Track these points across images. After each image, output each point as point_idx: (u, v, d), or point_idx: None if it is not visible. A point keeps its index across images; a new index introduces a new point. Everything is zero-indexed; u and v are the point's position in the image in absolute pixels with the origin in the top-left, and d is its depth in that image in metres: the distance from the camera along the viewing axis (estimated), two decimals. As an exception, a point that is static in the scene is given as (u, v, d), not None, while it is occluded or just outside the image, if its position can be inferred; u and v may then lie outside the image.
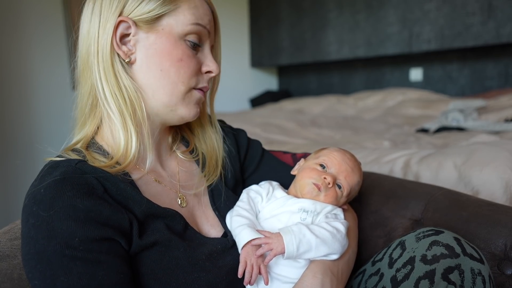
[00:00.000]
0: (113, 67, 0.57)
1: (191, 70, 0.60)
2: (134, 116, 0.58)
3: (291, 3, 3.58)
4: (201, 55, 0.63)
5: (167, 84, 0.59)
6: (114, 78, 0.57)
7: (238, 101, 3.98)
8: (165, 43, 0.58)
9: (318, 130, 2.30)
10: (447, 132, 1.88)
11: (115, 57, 0.58)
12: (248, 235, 0.60)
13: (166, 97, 0.60)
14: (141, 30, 0.58)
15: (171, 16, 0.58)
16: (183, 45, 0.59)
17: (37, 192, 0.49)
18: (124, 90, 0.58)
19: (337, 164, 0.70)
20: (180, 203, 0.64)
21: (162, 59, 0.58)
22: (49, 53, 2.73)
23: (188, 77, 0.61)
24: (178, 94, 0.60)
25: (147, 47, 0.58)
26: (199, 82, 0.63)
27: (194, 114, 0.64)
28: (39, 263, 0.46)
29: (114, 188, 0.54)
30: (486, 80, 2.71)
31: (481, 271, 0.54)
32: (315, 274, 0.59)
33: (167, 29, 0.58)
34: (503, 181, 1.07)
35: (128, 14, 0.57)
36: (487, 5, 2.33)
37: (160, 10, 0.57)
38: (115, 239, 0.50)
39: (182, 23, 0.59)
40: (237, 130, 0.81)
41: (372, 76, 3.41)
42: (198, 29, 0.60)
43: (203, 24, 0.61)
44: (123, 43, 0.58)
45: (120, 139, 0.58)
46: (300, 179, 0.70)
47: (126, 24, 0.57)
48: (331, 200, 0.68)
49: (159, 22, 0.58)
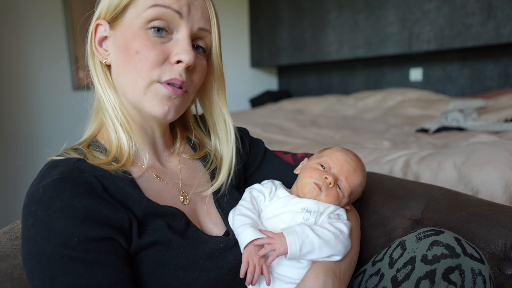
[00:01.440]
0: (95, 70, 0.60)
1: (150, 61, 0.54)
2: (117, 115, 0.59)
3: (291, 3, 3.58)
4: (173, 43, 0.56)
5: (129, 81, 0.56)
6: (97, 80, 0.60)
7: (238, 101, 3.98)
8: (125, 37, 0.56)
9: (318, 130, 2.30)
10: (447, 132, 1.88)
11: (96, 60, 0.60)
12: (250, 235, 0.59)
13: (130, 94, 0.57)
14: (112, 30, 0.58)
15: (133, 7, 0.55)
16: (142, 35, 0.54)
17: (36, 192, 0.49)
18: (105, 91, 0.60)
19: (339, 165, 0.70)
20: (182, 201, 0.64)
21: (123, 55, 0.56)
22: (49, 53, 2.73)
23: (147, 70, 0.54)
24: (139, 90, 0.56)
25: (115, 45, 0.58)
26: (163, 74, 0.55)
27: (164, 113, 0.57)
28: (38, 263, 0.46)
29: (113, 186, 0.54)
30: (486, 80, 2.71)
31: (482, 271, 0.54)
32: (317, 275, 0.59)
33: (129, 22, 0.56)
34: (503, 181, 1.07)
35: (104, 16, 0.58)
36: (487, 5, 2.33)
37: (123, 2, 0.55)
38: (115, 238, 0.50)
39: (141, 10, 0.54)
40: (239, 129, 0.80)
41: (372, 76, 3.41)
42: (160, 11, 0.54)
43: (164, 4, 0.54)
44: (101, 46, 0.60)
45: (113, 138, 0.59)
46: (302, 179, 0.70)
47: (103, 27, 0.59)
48: (332, 200, 0.67)
49: (124, 17, 0.56)
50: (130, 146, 0.59)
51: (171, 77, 0.55)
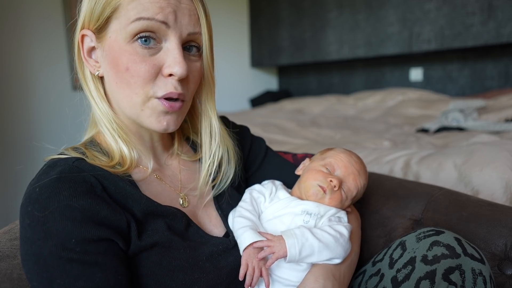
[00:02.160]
0: (85, 81, 0.59)
1: (142, 77, 0.52)
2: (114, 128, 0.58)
3: (291, 3, 3.58)
4: (163, 53, 0.53)
5: (124, 97, 0.55)
6: (89, 92, 0.59)
7: (238, 101, 3.97)
8: (112, 53, 0.53)
9: (318, 130, 2.30)
10: (447, 132, 1.88)
11: (86, 71, 0.59)
12: (250, 238, 0.59)
13: (128, 110, 0.56)
14: (99, 42, 0.55)
15: (116, 19, 0.52)
16: (130, 50, 0.52)
17: (33, 192, 0.49)
18: (99, 103, 0.58)
19: (343, 167, 0.69)
20: (181, 203, 0.63)
21: (114, 71, 0.54)
22: (49, 53, 2.73)
23: (141, 86, 0.52)
24: (135, 106, 0.54)
25: (104, 59, 0.55)
26: (159, 89, 0.53)
27: (163, 128, 0.56)
28: (36, 265, 0.46)
29: (113, 186, 0.53)
30: (486, 80, 2.71)
31: (482, 271, 0.54)
32: (317, 278, 0.59)
33: (114, 36, 0.53)
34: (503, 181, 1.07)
35: (88, 26, 0.55)
36: (487, 5, 2.33)
37: (104, 14, 0.52)
38: (113, 239, 0.49)
39: (125, 23, 0.51)
40: (240, 127, 0.79)
41: (372, 76, 3.41)
42: (144, 24, 0.50)
43: (148, 16, 0.50)
44: (91, 57, 0.58)
45: (114, 147, 0.58)
46: (305, 181, 0.69)
47: (88, 38, 0.56)
48: (335, 203, 0.67)
49: (108, 29, 0.53)
50: (132, 156, 0.59)
51: (167, 91, 0.53)
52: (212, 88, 0.63)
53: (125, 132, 0.59)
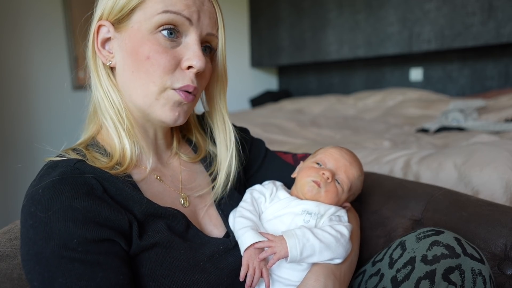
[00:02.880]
0: (97, 72, 0.59)
1: (162, 67, 0.54)
2: (122, 120, 0.58)
3: (291, 3, 3.58)
4: (183, 47, 0.55)
5: (139, 86, 0.56)
6: (99, 83, 0.59)
7: (238, 101, 3.98)
8: (133, 42, 0.54)
9: (318, 130, 2.30)
10: (447, 132, 1.88)
11: (98, 61, 0.59)
12: (251, 238, 0.59)
13: (140, 99, 0.57)
14: (117, 32, 0.56)
15: (141, 10, 0.54)
16: (152, 40, 0.54)
17: (35, 193, 0.49)
18: (108, 94, 0.58)
19: (334, 160, 0.70)
20: (182, 203, 0.63)
21: (131, 60, 0.55)
22: (49, 53, 2.73)
23: (159, 76, 0.54)
24: (150, 95, 0.56)
25: (121, 48, 0.56)
26: (176, 81, 0.55)
27: (174, 118, 0.57)
28: (38, 265, 0.46)
29: (114, 188, 0.54)
30: (486, 80, 2.71)
31: (482, 271, 0.54)
32: (318, 277, 0.59)
33: (137, 26, 0.54)
34: (503, 181, 1.07)
35: (107, 17, 0.56)
36: (487, 5, 2.33)
37: (130, 4, 0.54)
38: (114, 240, 0.50)
39: (151, 14, 0.53)
40: (240, 129, 0.80)
41: (372, 76, 3.41)
42: (170, 17, 0.53)
43: (175, 10, 0.53)
44: (104, 47, 0.58)
45: (115, 142, 0.58)
46: (300, 179, 0.70)
47: (106, 28, 0.57)
48: (332, 195, 0.67)
49: (130, 20, 0.54)
50: (133, 151, 0.59)
51: (184, 84, 0.55)
52: (225, 87, 0.67)
53: (131, 124, 0.59)
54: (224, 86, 0.66)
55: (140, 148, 0.61)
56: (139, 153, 0.61)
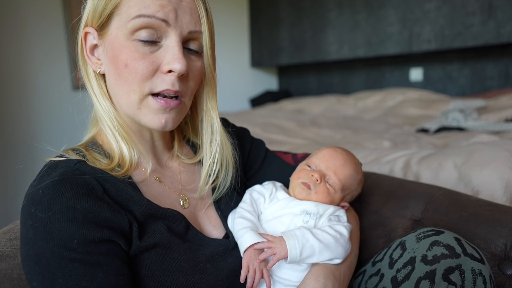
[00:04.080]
0: (88, 79, 0.59)
1: (140, 74, 0.52)
2: (116, 126, 0.58)
3: (291, 3, 3.58)
4: (163, 50, 0.53)
5: (122, 94, 0.55)
6: (91, 90, 0.59)
7: (238, 101, 3.97)
8: (113, 49, 0.54)
9: (318, 130, 2.30)
10: (447, 132, 1.88)
11: (89, 69, 0.59)
12: (250, 239, 0.59)
13: (125, 107, 0.56)
14: (100, 39, 0.56)
15: (117, 16, 0.53)
16: (130, 47, 0.52)
17: (35, 193, 0.49)
18: (101, 101, 0.58)
19: (325, 161, 0.70)
20: (182, 204, 0.63)
21: (114, 68, 0.54)
22: (49, 53, 2.73)
23: (138, 83, 0.53)
24: (132, 104, 0.55)
25: (105, 55, 0.56)
26: (155, 86, 0.53)
27: (161, 126, 0.56)
28: (38, 265, 0.46)
29: (114, 189, 0.54)
30: (486, 80, 2.71)
31: (482, 271, 0.54)
32: (318, 277, 0.59)
33: (115, 32, 0.53)
34: (503, 181, 1.07)
35: (91, 23, 0.56)
36: (487, 5, 2.33)
37: (106, 10, 0.53)
38: (115, 240, 0.50)
39: (126, 19, 0.52)
40: (240, 129, 0.80)
41: (372, 76, 3.41)
42: (145, 21, 0.51)
43: (149, 14, 0.51)
44: (93, 54, 0.58)
45: (115, 147, 0.58)
46: (291, 182, 0.71)
47: (91, 35, 0.57)
48: (323, 196, 0.67)
49: (110, 26, 0.54)
50: (132, 155, 0.59)
51: (163, 88, 0.53)
52: (213, 87, 0.63)
53: (126, 130, 0.59)
54: (213, 87, 0.63)
55: (138, 152, 0.61)
56: (138, 157, 0.61)
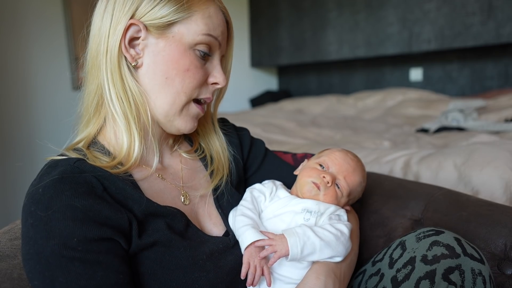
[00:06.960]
0: (119, 69, 0.57)
1: (197, 81, 0.60)
2: (138, 120, 0.58)
3: (291, 3, 3.58)
4: (210, 65, 0.62)
5: (170, 93, 0.59)
6: (120, 80, 0.57)
7: (238, 101, 3.97)
8: (174, 51, 0.57)
9: (318, 130, 2.30)
10: (447, 132, 1.88)
11: (122, 59, 0.57)
12: (251, 236, 0.59)
13: (167, 105, 0.59)
14: (151, 35, 0.57)
15: (184, 24, 0.57)
16: (192, 55, 0.58)
17: (36, 192, 0.49)
18: (130, 93, 0.58)
19: (337, 164, 0.70)
20: (183, 201, 0.64)
21: (169, 67, 0.57)
22: (48, 52, 2.73)
23: (192, 88, 0.60)
24: (178, 104, 0.60)
25: (155, 53, 0.57)
26: (202, 93, 0.62)
27: (191, 128, 0.63)
28: (38, 264, 0.46)
29: (114, 187, 0.54)
30: (486, 80, 2.71)
31: (482, 271, 0.54)
32: (318, 275, 0.59)
33: (178, 37, 0.57)
34: (503, 181, 1.07)
35: (140, 18, 0.56)
36: (487, 5, 2.33)
37: (173, 17, 0.56)
38: (114, 238, 0.50)
39: (194, 32, 0.57)
40: (240, 129, 0.81)
41: (372, 76, 3.41)
42: (209, 40, 0.59)
43: (214, 35, 0.59)
44: (131, 46, 0.58)
45: (124, 141, 0.58)
46: (300, 178, 0.70)
47: (137, 28, 0.56)
48: (330, 199, 0.67)
49: (171, 29, 0.57)
50: (142, 150, 0.59)
51: (206, 96, 0.63)
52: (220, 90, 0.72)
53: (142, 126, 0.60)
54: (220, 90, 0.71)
55: (146, 148, 0.61)
56: (145, 153, 0.61)
